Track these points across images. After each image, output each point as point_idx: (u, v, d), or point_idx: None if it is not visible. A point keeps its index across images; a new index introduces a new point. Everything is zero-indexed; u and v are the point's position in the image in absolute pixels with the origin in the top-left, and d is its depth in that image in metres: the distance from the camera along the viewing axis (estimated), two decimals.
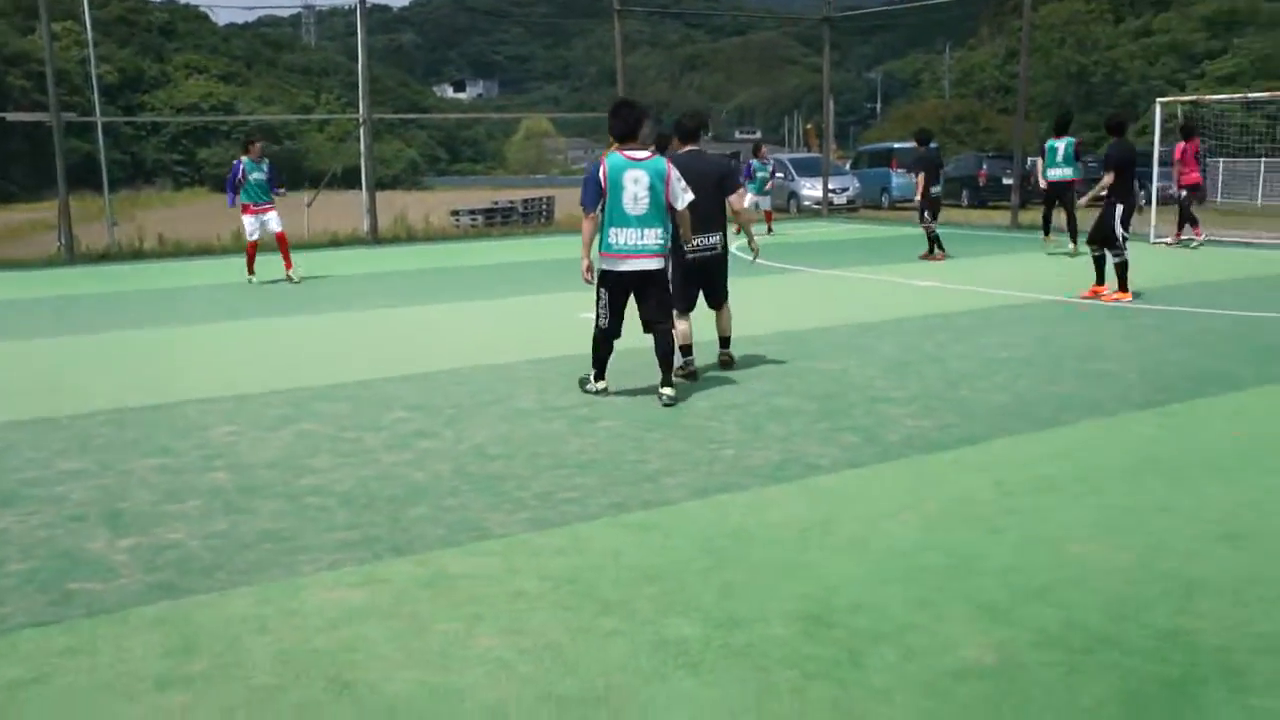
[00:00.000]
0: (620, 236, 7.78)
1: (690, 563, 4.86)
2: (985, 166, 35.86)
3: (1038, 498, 5.73)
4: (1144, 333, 10.83)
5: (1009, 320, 11.74)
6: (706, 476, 6.13)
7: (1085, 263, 12.97)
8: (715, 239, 8.76)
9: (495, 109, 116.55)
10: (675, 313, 8.37)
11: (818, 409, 7.71)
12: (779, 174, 34.10)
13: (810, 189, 32.39)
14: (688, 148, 8.80)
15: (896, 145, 38.16)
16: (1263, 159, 34.69)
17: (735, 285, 9.25)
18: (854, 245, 21.65)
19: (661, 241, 7.87)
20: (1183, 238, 20.58)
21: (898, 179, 34.97)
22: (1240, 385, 8.42)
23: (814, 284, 15.61)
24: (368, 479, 6.16)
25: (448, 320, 12.48)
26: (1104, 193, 12.74)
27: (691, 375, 8.80)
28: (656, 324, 8.01)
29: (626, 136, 7.86)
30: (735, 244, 9.12)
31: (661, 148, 8.89)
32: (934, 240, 18.37)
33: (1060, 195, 19.17)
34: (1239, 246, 20.32)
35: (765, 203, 25.22)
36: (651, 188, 7.76)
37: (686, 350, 8.82)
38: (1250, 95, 26.96)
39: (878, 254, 19.53)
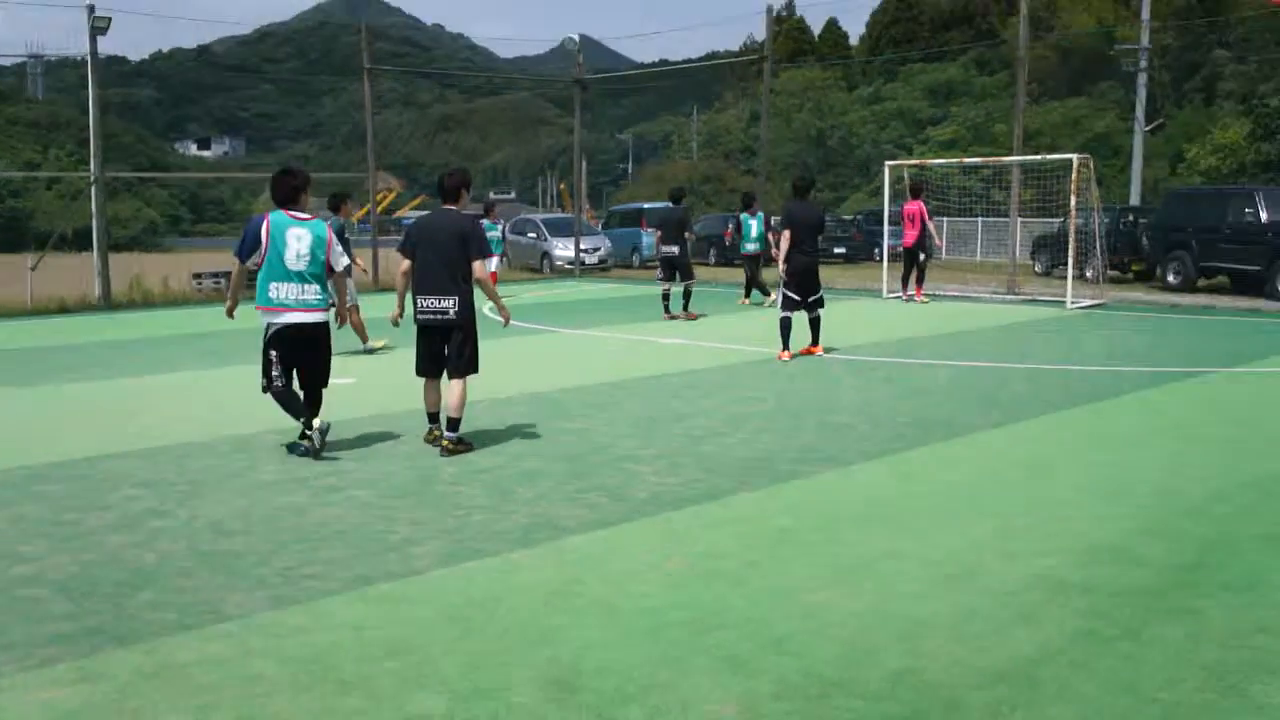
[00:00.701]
0: (280, 291, 8.09)
1: (436, 634, 4.78)
2: (731, 226, 37.12)
3: (778, 549, 5.94)
4: (876, 385, 11.43)
5: (753, 375, 12.17)
6: (454, 544, 6.07)
7: (827, 316, 13.56)
8: (449, 303, 8.19)
9: (241, 167, 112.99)
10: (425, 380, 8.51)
11: (566, 470, 7.77)
12: (531, 234, 34.43)
13: (563, 249, 32.78)
14: (446, 206, 8.51)
15: (647, 205, 39.11)
16: (980, 218, 37.33)
17: (484, 346, 8.95)
18: (605, 305, 22.01)
19: (321, 298, 8.24)
20: (915, 293, 21.88)
21: (648, 238, 35.81)
22: (961, 432, 8.99)
23: (564, 344, 15.77)
24: (90, 564, 5.77)
25: (185, 389, 11.90)
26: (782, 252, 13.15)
27: (447, 448, 8.26)
28: (314, 385, 8.49)
29: (287, 201, 8.25)
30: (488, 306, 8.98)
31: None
32: (687, 296, 18.74)
33: (750, 263, 21.60)
34: (959, 300, 21.76)
35: (493, 264, 24.52)
36: (312, 248, 8.16)
37: (434, 419, 8.56)
38: (966, 160, 29.04)
39: (627, 313, 19.92)
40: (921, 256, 21.79)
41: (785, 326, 13.24)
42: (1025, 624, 4.83)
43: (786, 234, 13.03)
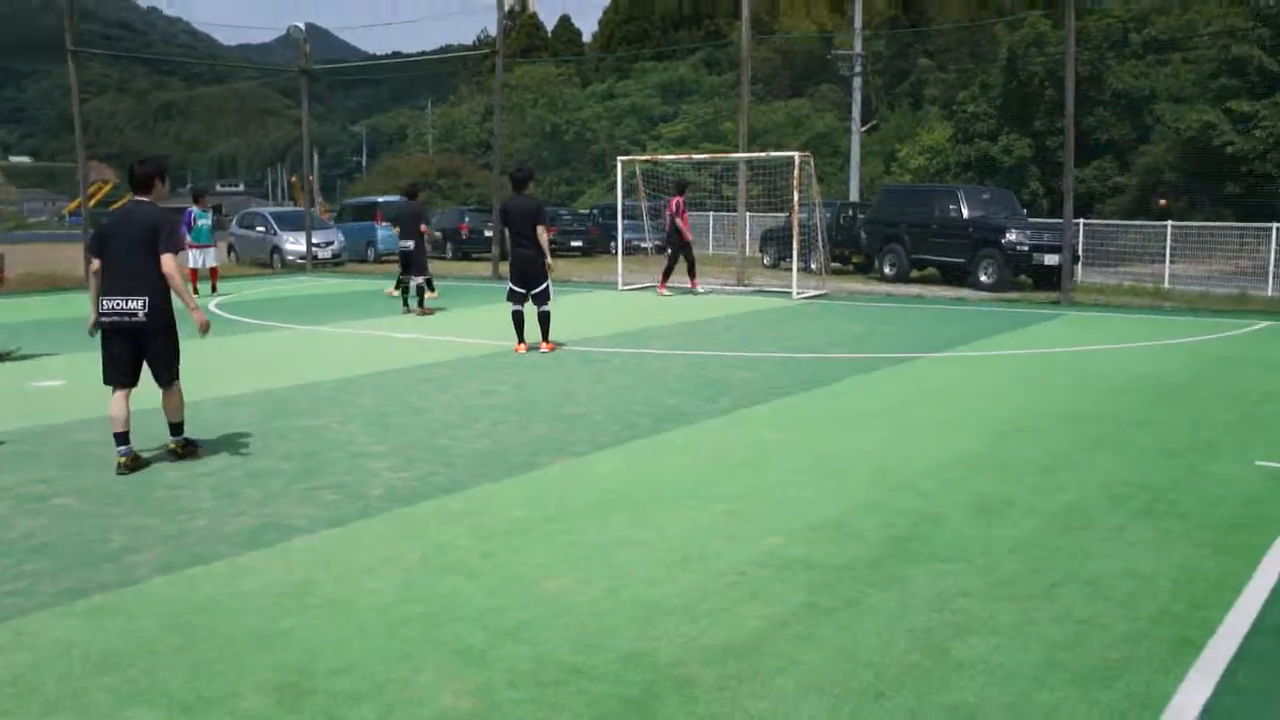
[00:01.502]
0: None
1: (156, 644, 4.54)
2: (468, 220, 36.93)
3: (513, 540, 5.95)
4: (611, 376, 11.61)
5: (489, 369, 12.13)
6: (176, 550, 5.77)
7: (563, 308, 13.69)
8: (137, 304, 7.37)
9: None
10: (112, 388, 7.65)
11: (297, 469, 7.53)
12: (260, 228, 33.16)
13: (294, 243, 31.71)
14: (138, 198, 7.68)
15: (381, 199, 38.33)
16: (711, 213, 38.47)
17: (203, 346, 8.59)
18: (338, 300, 21.45)
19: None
20: (691, 283, 22.03)
21: (384, 232, 35.13)
22: (692, 420, 9.25)
23: (296, 341, 15.26)
24: None
25: None
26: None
27: (129, 466, 7.49)
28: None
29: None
30: (214, 301, 8.57)
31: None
32: (421, 291, 18.51)
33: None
34: (689, 292, 22.35)
35: (211, 257, 22.46)
36: None
37: (123, 440, 7.52)
38: (695, 156, 29.88)
39: (361, 308, 19.49)
40: (668, 250, 21.98)
41: (517, 319, 13.38)
42: (753, 601, 5.03)
43: (506, 230, 13.35)
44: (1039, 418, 9.27)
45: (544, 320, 13.43)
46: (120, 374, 7.59)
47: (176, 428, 7.85)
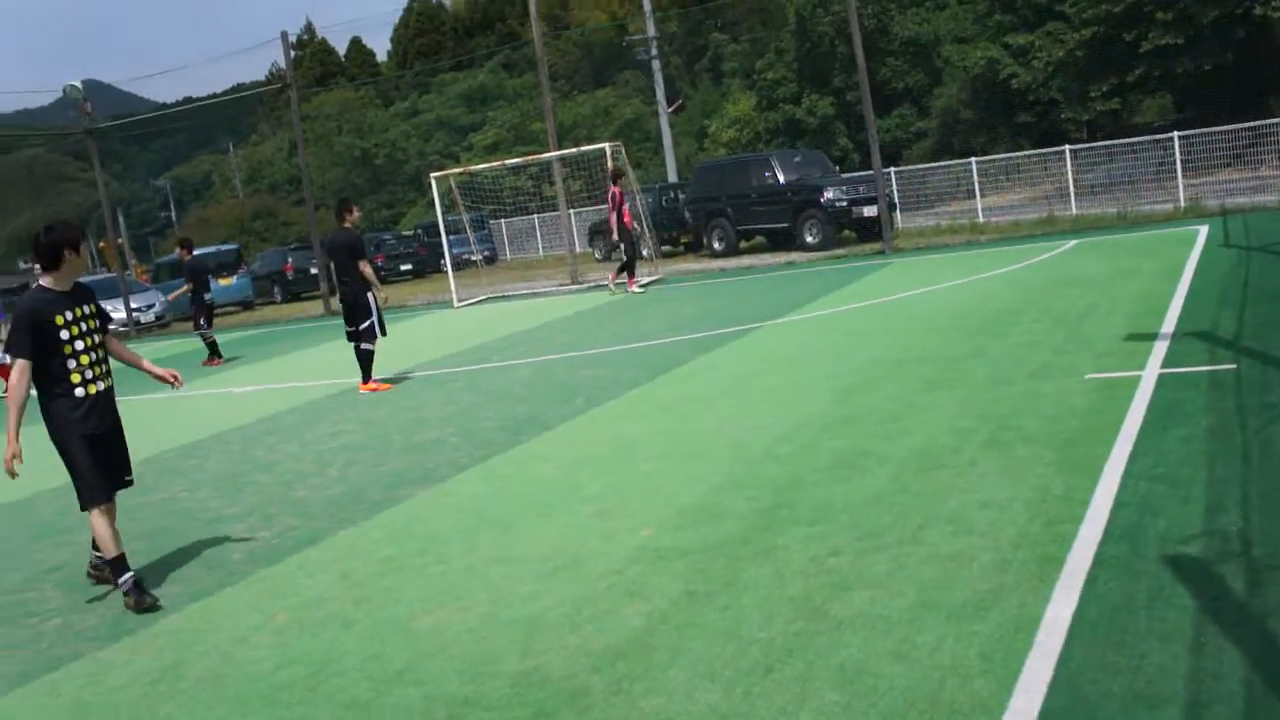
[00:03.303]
0: None
1: None
2: (291, 260, 36.11)
3: (385, 580, 5.83)
4: (460, 395, 11.50)
5: (334, 409, 11.88)
6: (32, 657, 5.49)
7: (402, 333, 13.48)
8: None
9: None
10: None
11: (150, 547, 7.23)
12: None
13: (112, 311, 30.42)
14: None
15: (197, 251, 37.12)
16: (536, 215, 38.46)
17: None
18: (167, 364, 20.70)
19: None
20: (628, 283, 20.83)
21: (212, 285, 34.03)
22: (548, 426, 9.23)
23: (129, 412, 14.49)
24: None
25: None
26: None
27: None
28: None
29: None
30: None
31: None
32: (213, 346, 18.67)
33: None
34: (529, 298, 22.32)
35: None
36: None
37: None
38: (509, 161, 29.78)
39: (193, 369, 18.85)
40: (621, 245, 20.78)
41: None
42: (633, 599, 5.04)
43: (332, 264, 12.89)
44: (878, 368, 9.53)
45: (362, 360, 12.68)
46: None
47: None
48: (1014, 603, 4.38)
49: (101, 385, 6.20)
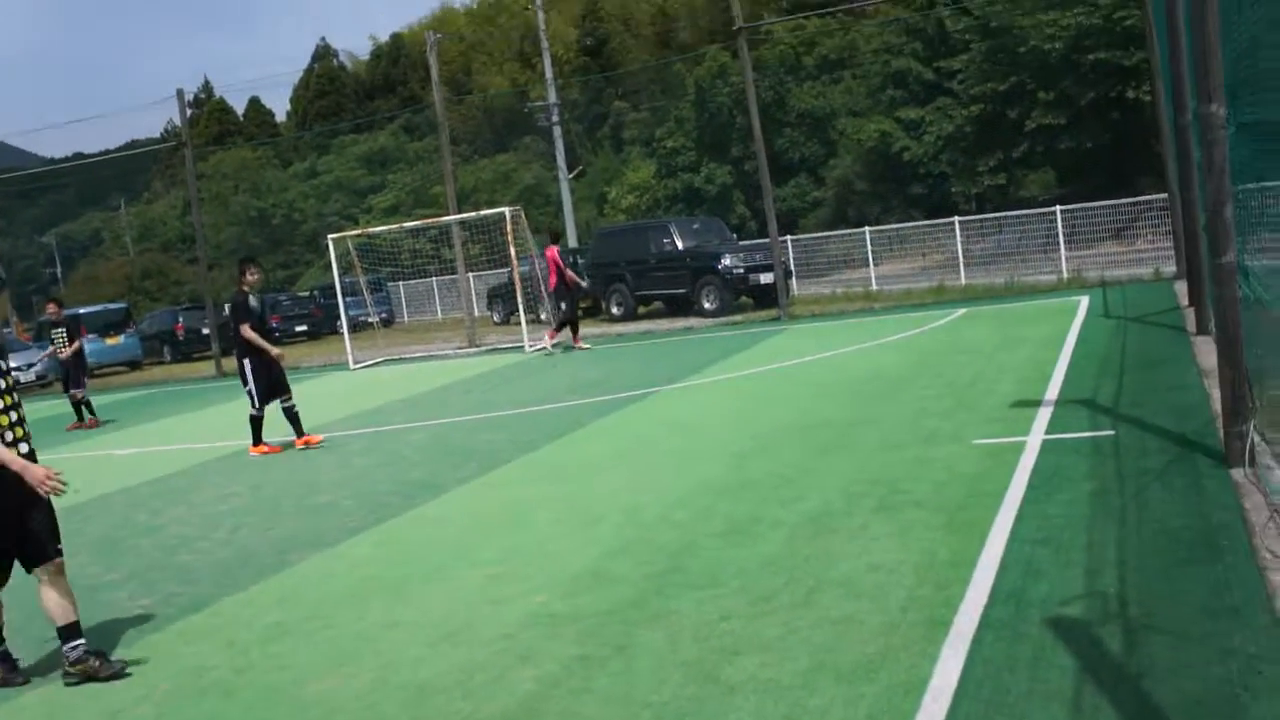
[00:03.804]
0: None
1: None
2: (182, 319, 35.41)
3: (271, 646, 5.69)
4: (353, 458, 11.33)
5: (224, 471, 11.61)
6: None
7: (296, 396, 13.17)
8: None
9: None
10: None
11: (21, 618, 6.90)
12: None
13: None
14: None
15: (82, 310, 36.18)
16: (434, 278, 38.29)
17: None
18: (47, 424, 20.01)
19: None
20: (561, 342, 20.48)
21: (91, 345, 33.13)
22: (442, 490, 9.13)
23: None
24: None
25: None
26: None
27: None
28: None
29: None
30: None
31: None
32: (84, 407, 18.20)
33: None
34: (426, 360, 22.15)
35: None
36: None
37: None
38: (407, 224, 29.67)
39: (65, 432, 18.28)
40: (562, 305, 20.44)
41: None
42: (525, 664, 4.99)
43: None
44: (774, 432, 9.64)
45: (251, 422, 12.37)
46: None
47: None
48: (902, 664, 4.43)
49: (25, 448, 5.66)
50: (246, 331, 11.98)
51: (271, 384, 12.19)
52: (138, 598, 7.03)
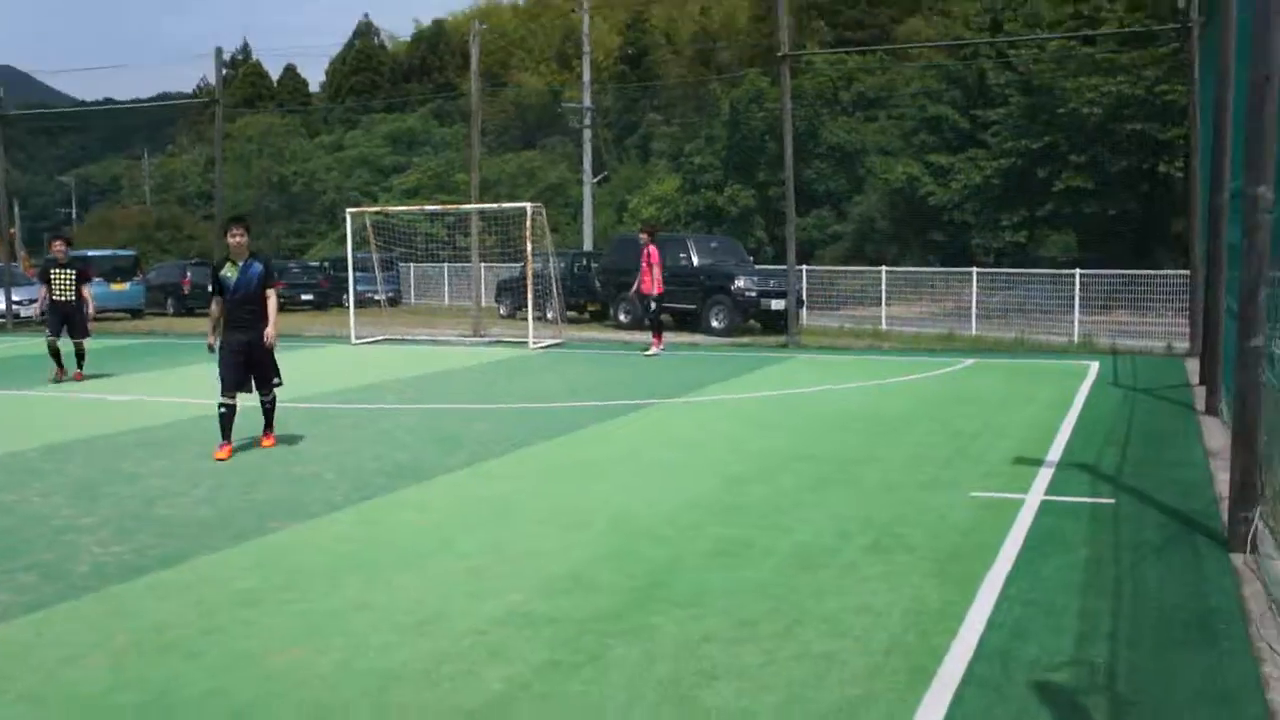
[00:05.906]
0: None
1: None
2: (190, 274, 35.27)
3: (240, 612, 5.57)
4: (343, 433, 11.20)
5: (211, 430, 11.45)
6: None
7: (294, 364, 13.04)
8: None
9: None
10: None
11: None
12: None
13: None
14: None
15: (92, 253, 36.06)
16: (446, 264, 38.18)
17: None
18: (43, 361, 19.90)
19: None
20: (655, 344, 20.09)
21: (100, 288, 32.96)
22: (428, 475, 9.01)
23: None
24: None
25: None
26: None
27: None
28: None
29: None
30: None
31: None
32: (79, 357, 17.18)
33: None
34: (428, 345, 22.02)
35: None
36: None
37: None
38: (427, 207, 29.55)
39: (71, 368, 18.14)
40: (653, 306, 20.15)
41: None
42: (495, 661, 4.87)
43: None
44: (771, 459, 9.51)
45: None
46: None
47: None
48: (881, 710, 4.31)
49: None
50: (215, 306, 10.49)
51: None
52: (108, 545, 6.90)
